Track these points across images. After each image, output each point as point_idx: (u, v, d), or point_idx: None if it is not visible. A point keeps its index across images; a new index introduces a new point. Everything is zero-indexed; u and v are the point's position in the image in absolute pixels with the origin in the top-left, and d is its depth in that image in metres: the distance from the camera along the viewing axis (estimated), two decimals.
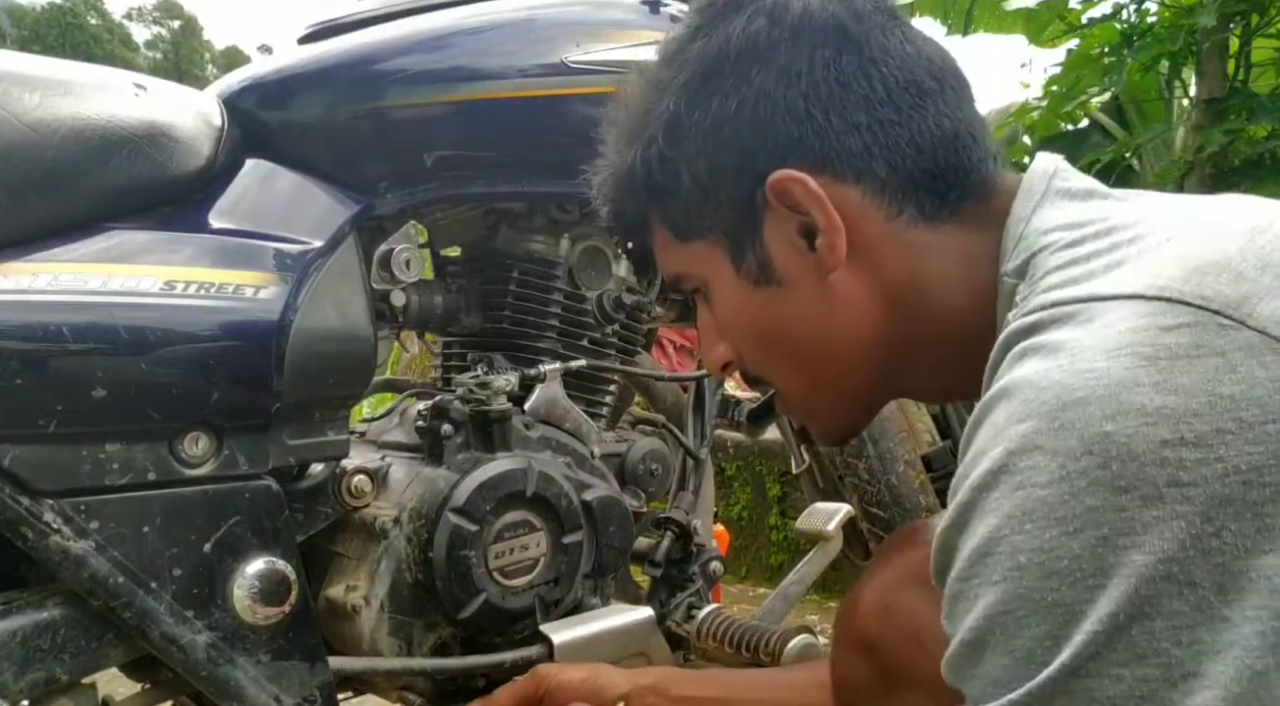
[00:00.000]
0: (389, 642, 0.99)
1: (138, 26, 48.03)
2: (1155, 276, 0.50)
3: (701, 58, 0.66)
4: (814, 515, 1.31)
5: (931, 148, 0.64)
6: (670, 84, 0.67)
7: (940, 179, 0.64)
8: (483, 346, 1.19)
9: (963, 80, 0.67)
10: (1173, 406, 0.45)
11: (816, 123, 0.64)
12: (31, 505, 0.78)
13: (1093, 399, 0.46)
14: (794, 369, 0.72)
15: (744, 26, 0.65)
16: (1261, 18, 3.12)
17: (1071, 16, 3.85)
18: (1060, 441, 0.46)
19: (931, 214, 0.64)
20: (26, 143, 0.81)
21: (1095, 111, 4.39)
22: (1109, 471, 0.45)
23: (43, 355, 0.77)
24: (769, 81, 0.64)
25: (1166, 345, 0.47)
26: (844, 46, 0.64)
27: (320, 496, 0.97)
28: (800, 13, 0.64)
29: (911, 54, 0.65)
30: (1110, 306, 0.50)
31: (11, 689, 0.78)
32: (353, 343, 0.94)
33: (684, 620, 1.20)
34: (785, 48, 0.64)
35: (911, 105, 0.64)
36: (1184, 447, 0.45)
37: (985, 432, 0.50)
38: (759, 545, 3.47)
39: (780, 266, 0.67)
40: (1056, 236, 0.58)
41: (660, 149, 0.67)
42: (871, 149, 0.64)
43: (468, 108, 1.04)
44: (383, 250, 1.04)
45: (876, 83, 0.64)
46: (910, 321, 0.66)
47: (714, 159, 0.66)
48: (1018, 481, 0.47)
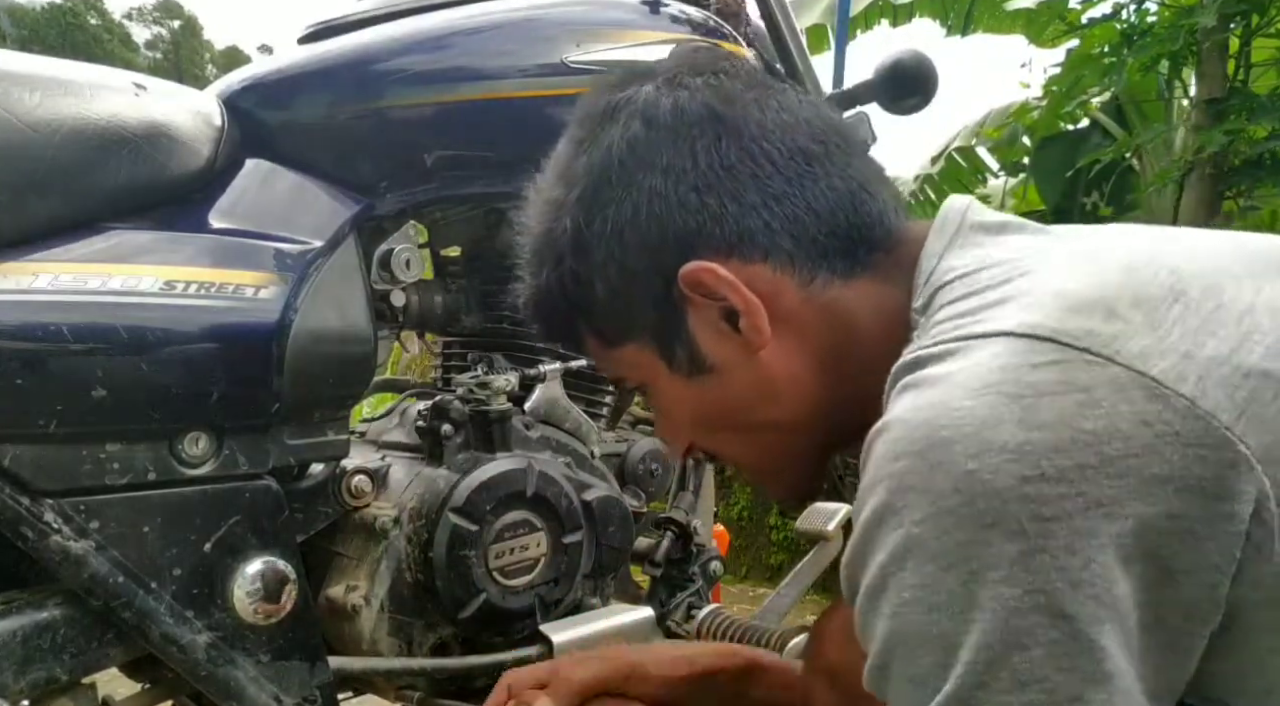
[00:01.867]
0: (389, 642, 0.99)
1: (138, 26, 48.02)
2: (1029, 313, 0.52)
3: (589, 170, 0.67)
4: (814, 515, 1.31)
5: (829, 211, 0.65)
6: (566, 201, 0.68)
7: (845, 238, 0.65)
8: (483, 346, 1.19)
9: (846, 137, 0.68)
10: (1034, 442, 0.47)
11: (712, 211, 0.64)
12: (31, 505, 0.78)
13: (958, 438, 0.48)
14: (744, 445, 0.74)
15: (621, 133, 0.66)
16: (1261, 18, 3.12)
17: (1071, 16, 3.85)
18: (931, 481, 0.48)
19: (844, 273, 0.66)
20: (26, 143, 0.81)
21: (1095, 111, 4.39)
22: (975, 509, 0.47)
23: (43, 355, 0.77)
24: (657, 181, 0.65)
25: (1032, 382, 0.49)
26: (721, 132, 0.65)
27: (320, 496, 0.97)
28: (671, 109, 0.66)
29: (790, 122, 0.66)
30: (985, 344, 0.52)
31: (11, 689, 0.78)
32: (353, 343, 0.94)
33: (684, 620, 1.20)
34: (665, 146, 0.65)
35: (800, 173, 0.65)
36: (1045, 483, 0.46)
37: (870, 468, 0.52)
38: (759, 545, 3.47)
39: (710, 354, 0.68)
40: (960, 270, 0.60)
41: (570, 265, 0.68)
42: (771, 225, 0.64)
43: (468, 108, 1.04)
44: (383, 250, 1.04)
45: (761, 160, 0.65)
46: (845, 377, 0.67)
47: (623, 265, 0.67)
48: (897, 520, 0.50)
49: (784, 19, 1.39)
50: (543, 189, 0.71)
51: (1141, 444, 0.47)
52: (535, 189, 0.72)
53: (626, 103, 0.67)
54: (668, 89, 0.67)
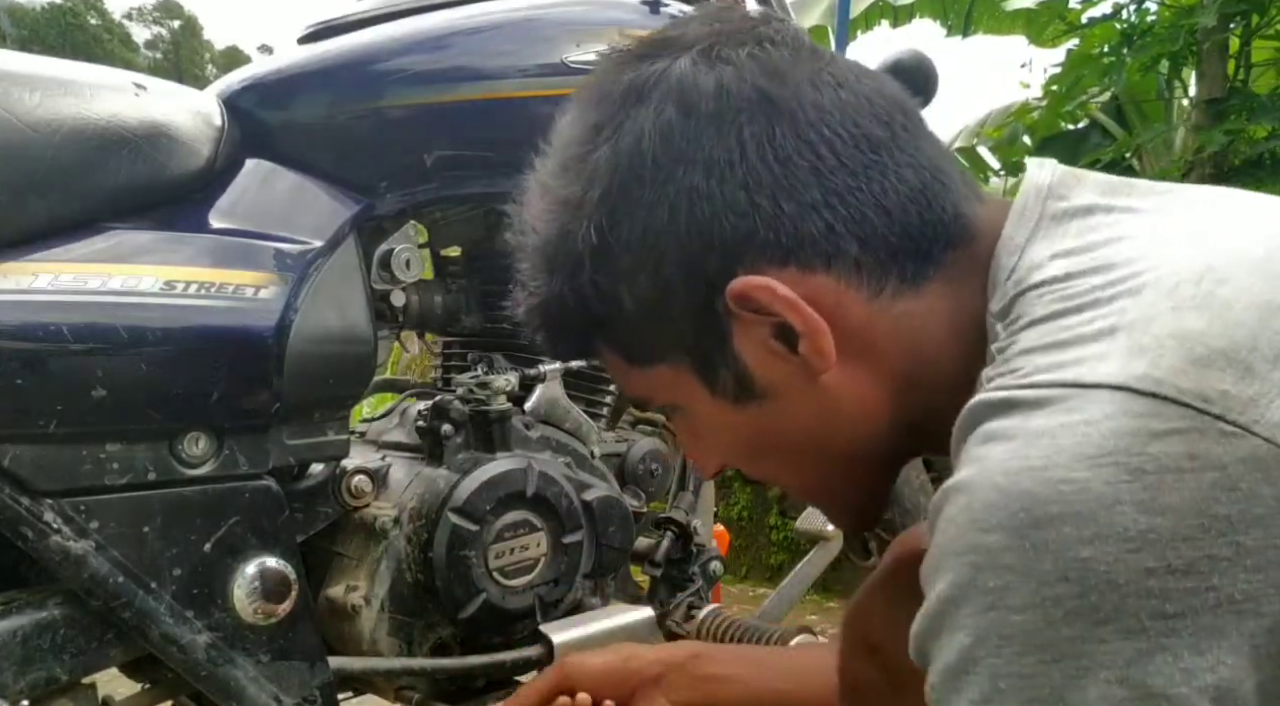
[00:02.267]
0: (389, 642, 0.99)
1: (138, 26, 48.02)
2: (1151, 363, 0.43)
3: (613, 166, 0.56)
4: (814, 515, 1.31)
5: (901, 207, 0.55)
6: (584, 201, 0.57)
7: (918, 238, 0.56)
8: (483, 346, 1.19)
9: (909, 111, 0.58)
10: (1159, 529, 0.41)
11: (765, 213, 0.55)
12: (31, 505, 0.78)
13: (1068, 517, 0.42)
14: (798, 473, 0.66)
15: (654, 119, 0.56)
16: (1261, 18, 3.12)
17: (1071, 16, 3.85)
18: (1033, 564, 0.42)
19: (915, 277, 0.57)
20: (26, 143, 0.81)
21: (1095, 111, 4.39)
22: (1088, 602, 0.42)
23: (43, 355, 0.77)
24: (698, 179, 0.55)
25: (1155, 455, 0.42)
26: (774, 117, 0.55)
27: (320, 496, 0.97)
28: (714, 92, 0.55)
29: (850, 101, 0.56)
30: (1094, 398, 0.44)
31: (11, 689, 0.78)
32: (353, 343, 0.94)
33: (684, 620, 1.20)
34: (707, 136, 0.55)
35: (867, 164, 0.55)
36: (1171, 576, 0.41)
37: (946, 530, 0.46)
38: (759, 545, 3.47)
39: (761, 378, 0.58)
40: (1049, 271, 0.51)
41: (590, 276, 0.58)
42: (834, 227, 0.55)
43: (468, 108, 1.04)
44: (383, 250, 1.04)
45: (822, 148, 0.55)
46: (919, 397, 0.59)
47: (657, 276, 0.57)
48: (988, 602, 0.43)
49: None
50: (550, 184, 0.60)
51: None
52: (539, 182, 0.62)
53: (658, 81, 0.56)
54: (706, 64, 0.56)
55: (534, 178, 0.62)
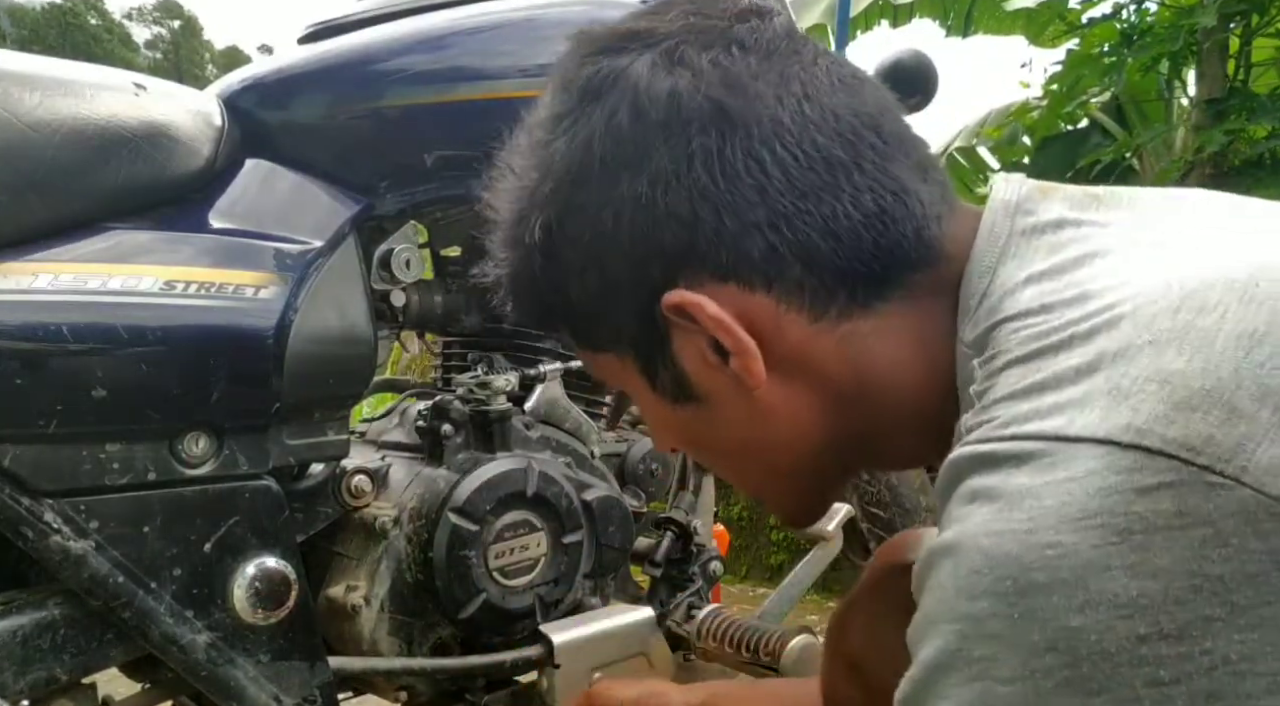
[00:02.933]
0: (389, 642, 0.99)
1: (138, 26, 48.01)
2: (1133, 412, 0.42)
3: (566, 162, 0.56)
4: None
5: (852, 232, 0.54)
6: (537, 191, 0.58)
7: (870, 263, 0.54)
8: (483, 346, 1.19)
9: (883, 129, 0.56)
10: (1150, 594, 0.39)
11: (707, 226, 0.54)
12: (31, 505, 0.78)
13: (1056, 585, 0.40)
14: (736, 472, 0.67)
15: (605, 122, 0.55)
16: (1261, 18, 3.12)
17: (1071, 16, 3.85)
18: (1021, 634, 0.41)
19: (866, 299, 0.55)
20: (26, 143, 0.81)
21: (1095, 111, 4.39)
22: (1079, 672, 0.40)
23: (43, 355, 0.77)
24: (643, 186, 0.54)
25: (1141, 514, 0.40)
26: (726, 130, 0.53)
27: (320, 496, 0.97)
28: (666, 99, 0.54)
29: (814, 118, 0.54)
30: (1077, 452, 0.42)
31: (11, 689, 0.78)
32: (353, 343, 0.94)
33: (684, 620, 1.20)
34: (657, 143, 0.54)
35: (820, 186, 0.53)
36: (1163, 642, 0.39)
37: (934, 595, 0.45)
38: (759, 545, 3.46)
39: (698, 384, 0.58)
40: (1023, 300, 0.50)
41: (541, 263, 0.59)
42: (777, 249, 0.54)
43: (468, 108, 1.04)
44: (383, 250, 1.04)
45: (772, 168, 0.53)
46: (862, 416, 0.58)
47: (602, 275, 0.57)
48: (975, 672, 0.42)
49: None
50: (514, 164, 0.60)
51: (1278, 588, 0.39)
52: (509, 156, 0.61)
53: (616, 80, 0.56)
54: (665, 67, 0.55)
55: (508, 149, 0.61)
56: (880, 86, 0.59)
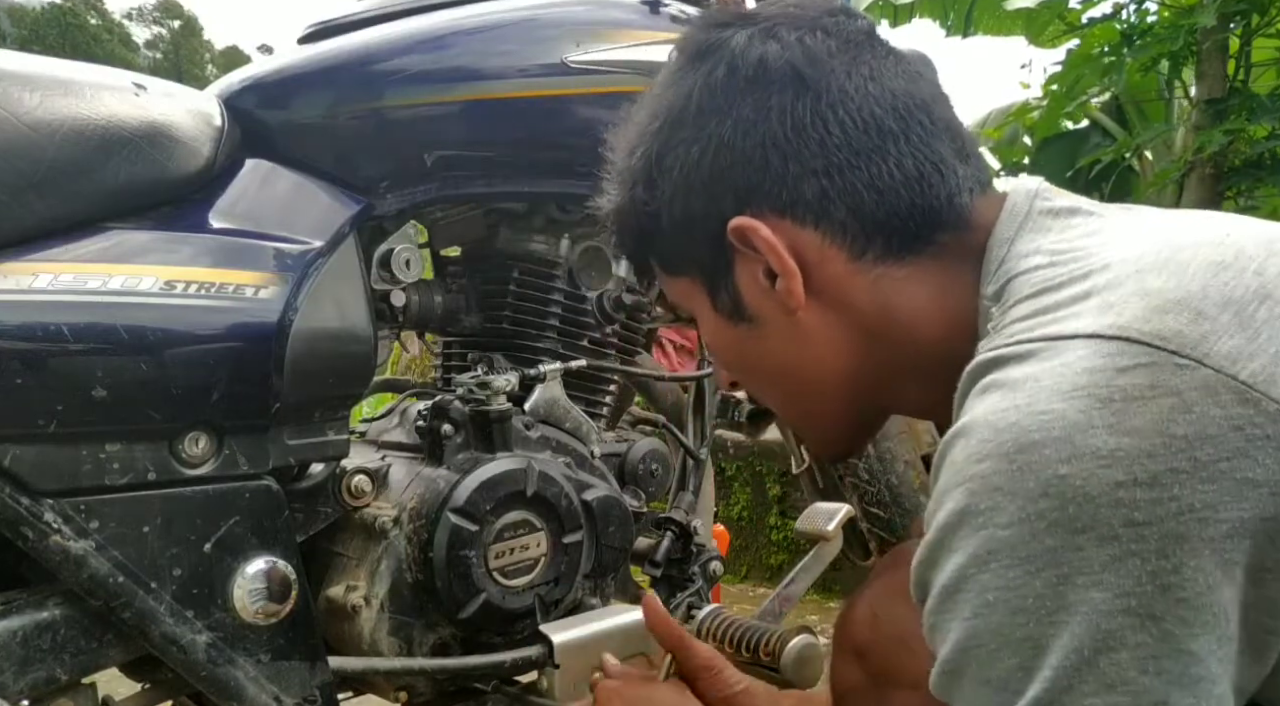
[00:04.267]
0: (389, 642, 0.99)
1: (138, 26, 48.01)
2: (1117, 314, 0.51)
3: (670, 107, 0.68)
4: (814, 515, 1.31)
5: (893, 190, 0.64)
6: (646, 130, 0.70)
7: (906, 219, 0.64)
8: (483, 346, 1.19)
9: (933, 113, 0.66)
10: (1126, 448, 0.47)
11: (773, 169, 0.65)
12: (31, 505, 0.78)
13: (1048, 442, 0.48)
14: (780, 396, 0.76)
15: (706, 76, 0.67)
16: (1261, 18, 3.12)
17: (1071, 16, 3.85)
18: (1019, 484, 0.48)
19: (900, 250, 0.65)
20: (26, 143, 0.81)
21: (1095, 111, 4.39)
22: (1066, 513, 0.47)
23: (43, 355, 0.77)
24: (727, 130, 0.66)
25: (1121, 386, 0.48)
26: (800, 92, 0.64)
27: (320, 496, 0.97)
28: (756, 62, 0.65)
29: (875, 94, 0.65)
30: (1070, 345, 0.51)
31: (11, 689, 0.78)
32: (353, 343, 0.94)
33: (684, 620, 1.20)
34: (743, 97, 0.65)
35: (871, 148, 0.64)
36: (1138, 488, 0.46)
37: (947, 471, 0.52)
38: (759, 545, 3.47)
39: (750, 305, 0.69)
40: (1035, 260, 0.59)
41: (640, 194, 0.70)
42: (828, 192, 0.64)
43: (468, 108, 1.04)
44: (383, 250, 1.04)
45: (833, 127, 0.64)
46: (885, 351, 0.67)
47: (685, 204, 0.68)
48: (980, 522, 0.49)
49: None
50: (636, 111, 0.72)
51: (1234, 448, 0.47)
52: (634, 106, 0.73)
53: (719, 46, 0.67)
54: (760, 39, 0.66)
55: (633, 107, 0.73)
56: (938, 85, 0.70)
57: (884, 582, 0.78)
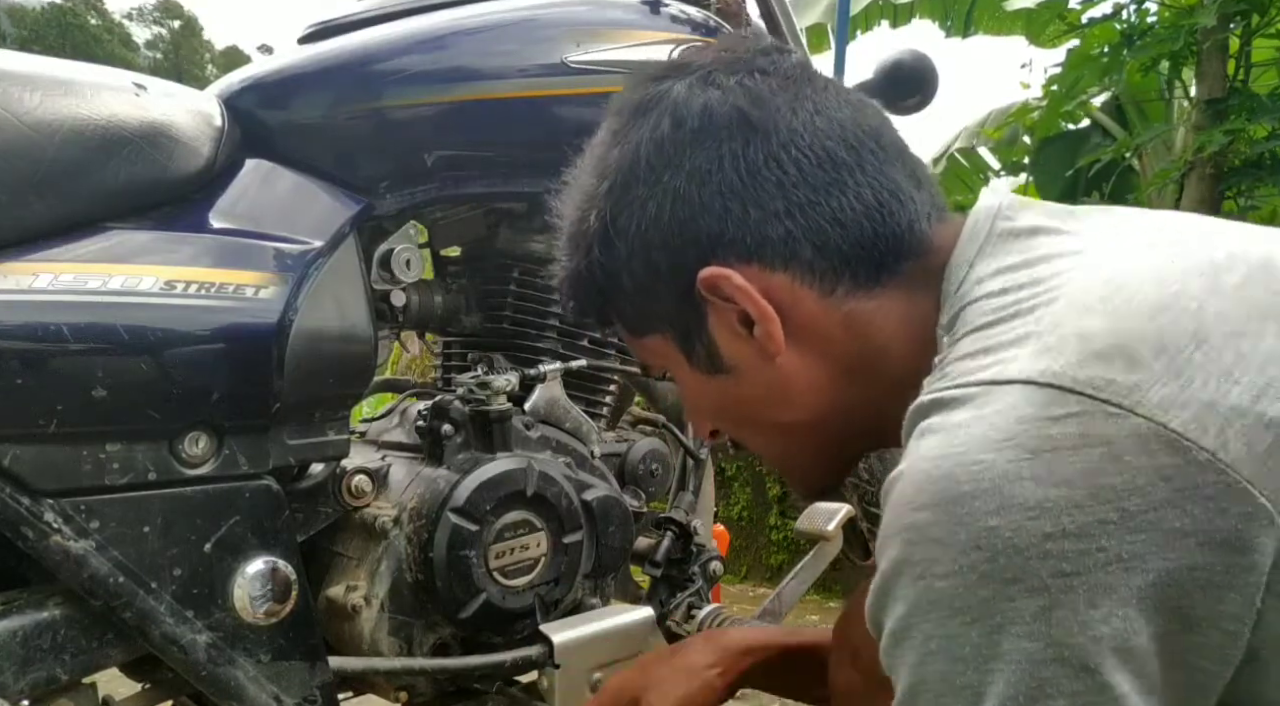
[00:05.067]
0: (389, 642, 0.99)
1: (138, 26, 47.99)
2: (1052, 359, 0.51)
3: (619, 166, 0.67)
4: (814, 515, 1.31)
5: (855, 221, 0.63)
6: (596, 194, 0.68)
7: (870, 248, 0.64)
8: (483, 346, 1.19)
9: (882, 140, 0.66)
10: (1054, 499, 0.47)
11: (734, 216, 0.64)
12: (31, 505, 0.78)
13: (978, 493, 0.48)
14: (763, 441, 0.76)
15: (651, 131, 0.66)
16: (1261, 18, 3.12)
17: (1071, 16, 3.85)
18: (953, 535, 0.49)
19: (868, 282, 0.65)
20: (26, 143, 0.81)
21: (1095, 111, 4.39)
22: (997, 565, 0.48)
23: (43, 355, 0.77)
24: (681, 183, 0.65)
25: (1051, 436, 0.48)
26: (750, 136, 0.64)
27: (320, 496, 0.97)
28: (700, 111, 0.65)
29: (823, 128, 0.64)
30: (1005, 392, 0.51)
31: (11, 689, 0.78)
32: (353, 343, 0.94)
33: (684, 620, 1.20)
34: (693, 148, 0.64)
35: (829, 182, 0.63)
36: (1065, 539, 0.47)
37: (889, 514, 0.53)
38: (759, 545, 3.47)
39: (727, 355, 0.68)
40: (988, 286, 0.59)
41: (597, 256, 0.69)
42: (793, 233, 0.64)
43: (468, 108, 1.04)
44: (383, 250, 1.04)
45: (788, 166, 0.63)
46: (864, 386, 0.67)
47: (647, 262, 0.67)
48: (918, 572, 0.50)
49: (784, 19, 1.39)
50: (579, 175, 0.71)
51: (1162, 498, 0.47)
52: (574, 172, 0.72)
53: (659, 99, 0.66)
54: (700, 87, 0.66)
55: (572, 171, 0.73)
56: (880, 109, 0.69)
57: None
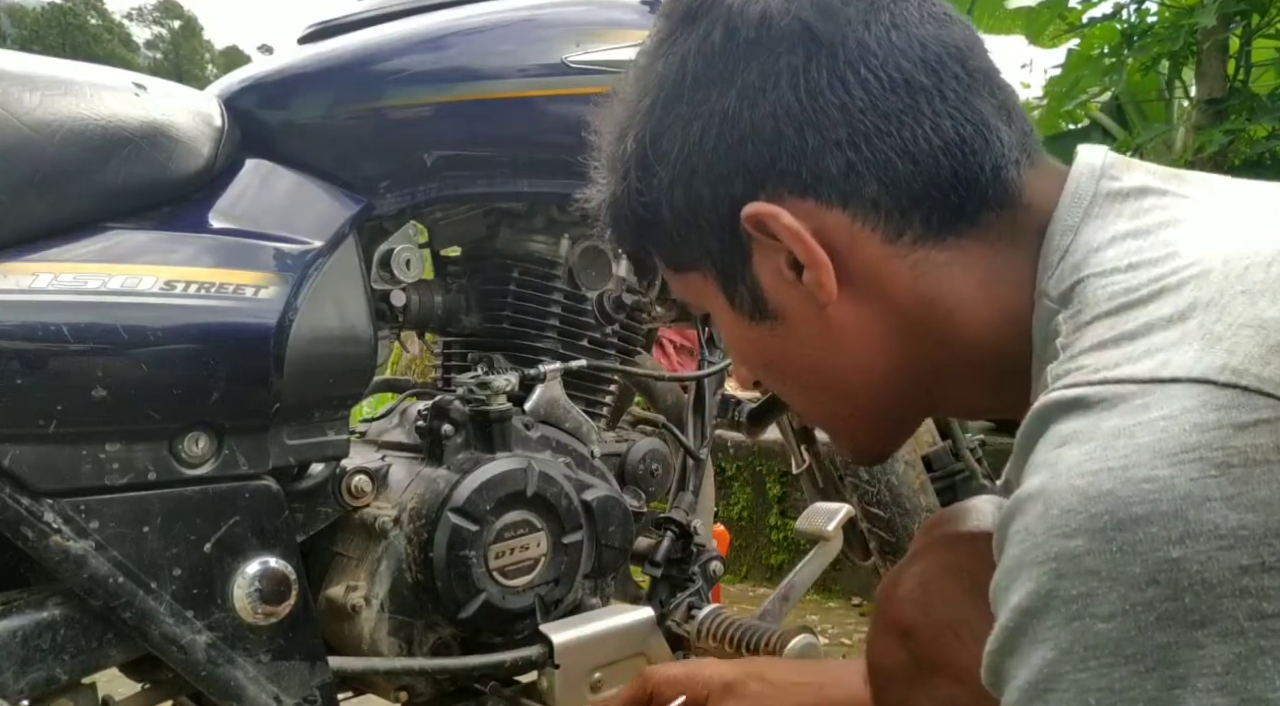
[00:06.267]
0: (389, 642, 0.99)
1: (138, 26, 48.01)
2: (1228, 353, 0.42)
3: (661, 80, 0.60)
4: (814, 515, 1.31)
5: (931, 157, 0.55)
6: (637, 109, 0.61)
7: (948, 191, 0.56)
8: (483, 346, 1.19)
9: (970, 65, 0.57)
10: (1251, 525, 0.39)
11: (790, 143, 0.56)
12: (31, 505, 0.78)
13: (1155, 517, 0.40)
14: (809, 399, 0.68)
15: (701, 41, 0.58)
16: (1261, 18, 3.12)
17: (1071, 16, 3.85)
18: (1120, 568, 0.40)
19: (941, 230, 0.57)
20: (26, 143, 0.81)
21: (1095, 111, 4.39)
22: (1180, 604, 0.40)
23: (43, 355, 0.77)
24: (731, 102, 0.57)
25: (1240, 449, 0.40)
26: (813, 51, 0.56)
27: (320, 496, 0.97)
28: (758, 20, 0.56)
29: (900, 46, 0.56)
30: (1172, 392, 0.42)
31: (11, 689, 0.78)
32: (353, 343, 0.94)
33: (684, 620, 1.20)
34: (746, 61, 0.57)
35: (902, 109, 0.55)
36: (1265, 574, 0.39)
37: (1023, 542, 0.44)
38: (759, 545, 3.46)
39: (773, 300, 0.61)
40: (1109, 258, 0.51)
41: (634, 183, 0.62)
42: (856, 166, 0.56)
43: (468, 108, 1.04)
44: (383, 250, 1.04)
45: (855, 88, 0.55)
46: (929, 348, 0.59)
47: (688, 191, 0.60)
48: (1073, 611, 0.42)
49: None
50: (620, 88, 0.64)
51: None
52: (617, 84, 0.64)
53: (712, 4, 0.58)
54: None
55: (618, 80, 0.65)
56: (971, 26, 0.60)
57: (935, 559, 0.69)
